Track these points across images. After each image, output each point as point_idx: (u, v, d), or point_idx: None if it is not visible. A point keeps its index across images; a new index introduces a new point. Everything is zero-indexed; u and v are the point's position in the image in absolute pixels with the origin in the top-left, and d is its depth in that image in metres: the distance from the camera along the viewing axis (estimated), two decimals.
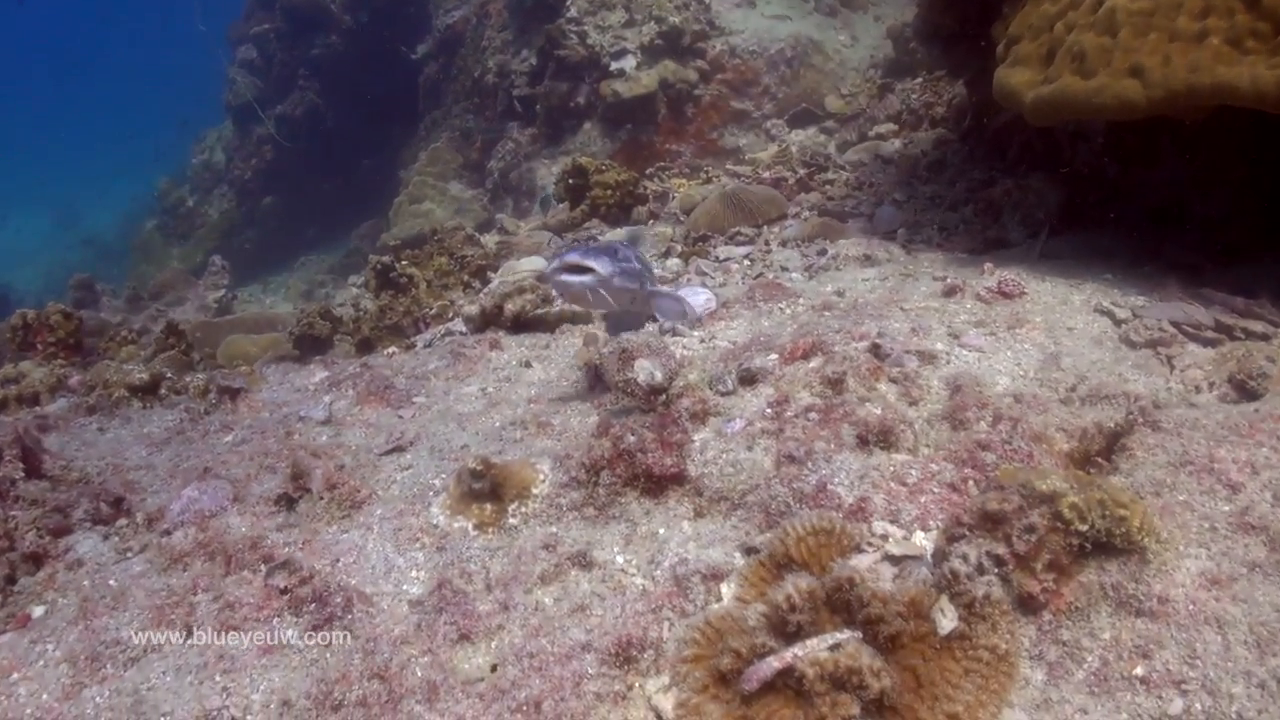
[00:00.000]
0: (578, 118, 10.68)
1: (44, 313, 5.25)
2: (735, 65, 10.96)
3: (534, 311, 4.99)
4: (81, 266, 23.64)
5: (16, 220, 32.29)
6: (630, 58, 10.29)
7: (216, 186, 16.88)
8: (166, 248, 16.85)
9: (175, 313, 10.77)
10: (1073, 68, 4.02)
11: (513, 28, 12.11)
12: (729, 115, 10.87)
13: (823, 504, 2.46)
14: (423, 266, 7.17)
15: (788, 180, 8.11)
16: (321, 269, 14.49)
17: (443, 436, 3.36)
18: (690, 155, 10.57)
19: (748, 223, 6.63)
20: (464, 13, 14.06)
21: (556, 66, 10.68)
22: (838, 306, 4.01)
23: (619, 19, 10.48)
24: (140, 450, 3.53)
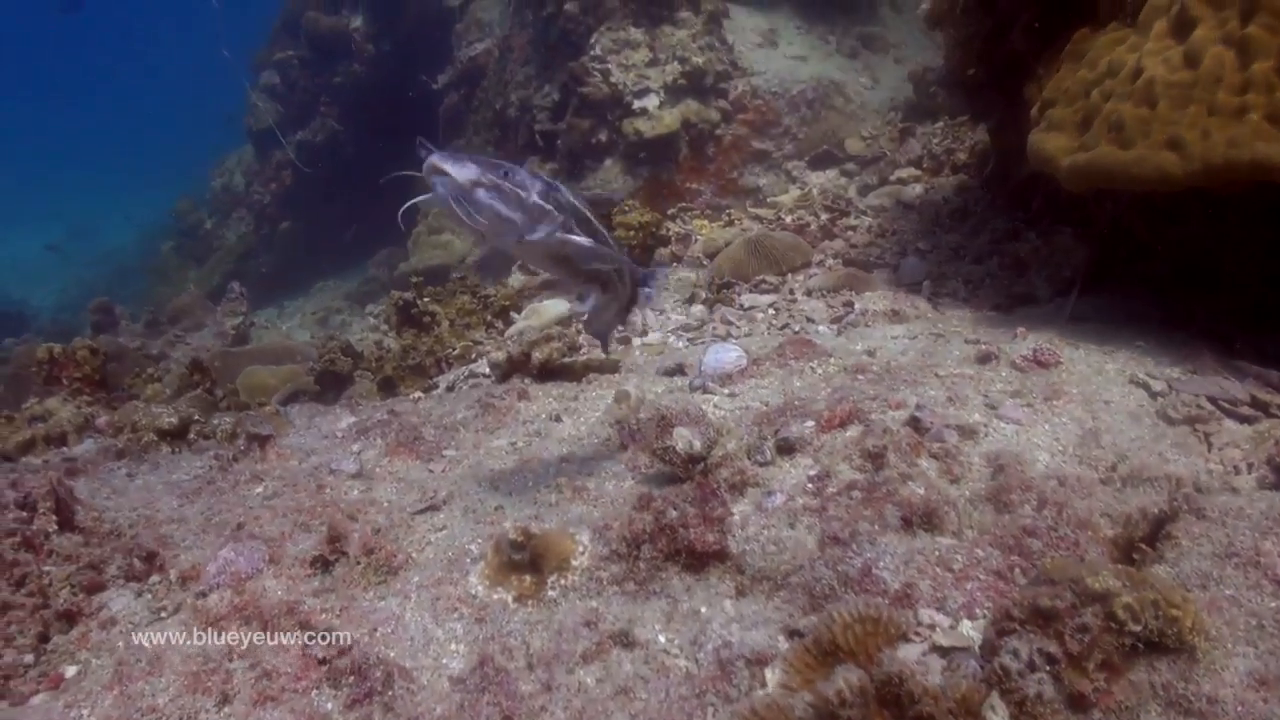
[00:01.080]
0: (599, 154, 10.72)
1: (70, 348, 5.26)
2: (757, 106, 11.02)
3: (561, 360, 4.98)
4: (97, 284, 23.79)
5: (34, 237, 32.45)
6: (653, 96, 10.34)
7: (235, 210, 16.98)
8: (183, 269, 16.93)
9: (193, 338, 10.81)
10: (1110, 137, 4.02)
11: (535, 63, 12.19)
12: (750, 155, 10.91)
13: (868, 589, 2.44)
14: (445, 304, 7.19)
15: (810, 225, 8.12)
16: (337, 295, 14.53)
17: (476, 496, 3.35)
18: (711, 194, 10.60)
19: (772, 270, 6.63)
20: (487, 45, 14.18)
21: (579, 103, 10.73)
22: (871, 369, 4.00)
23: (643, 58, 10.53)
24: (171, 501, 3.52)
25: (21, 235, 33.21)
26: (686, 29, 10.77)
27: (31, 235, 32.81)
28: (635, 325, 6.17)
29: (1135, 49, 4.22)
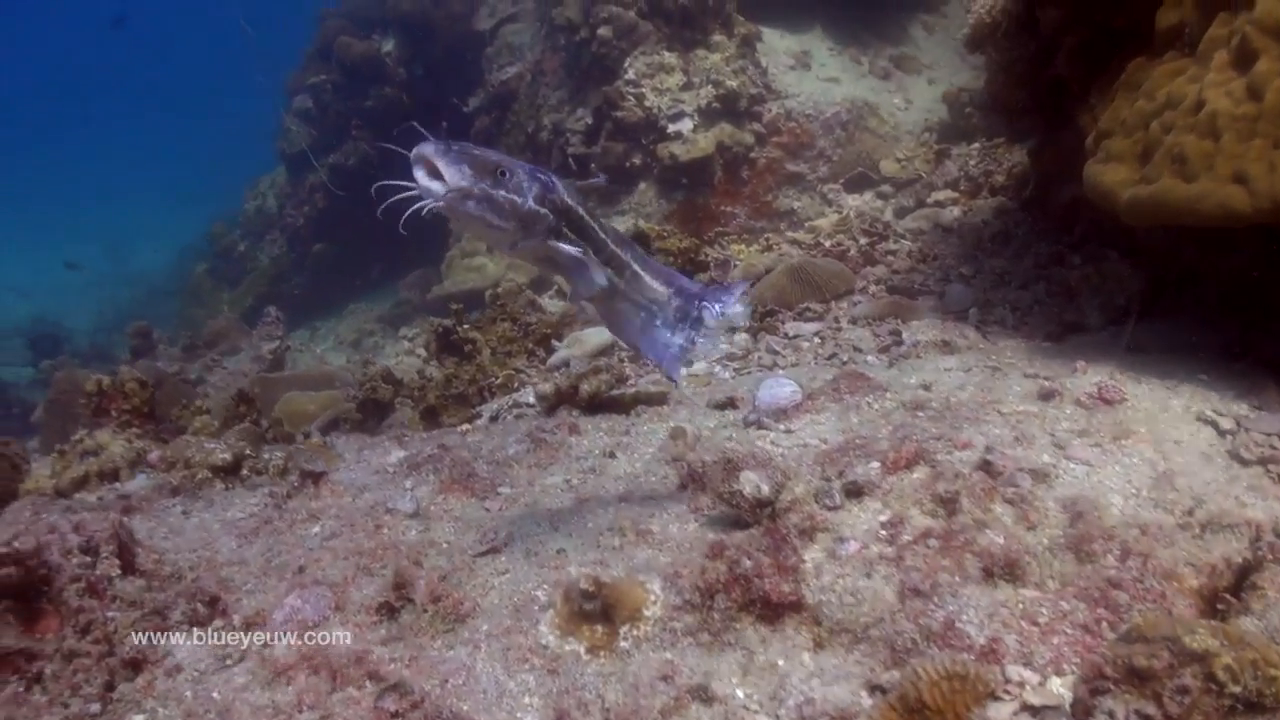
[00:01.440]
0: (633, 178, 10.73)
1: (119, 380, 5.28)
2: (791, 128, 11.00)
3: (609, 392, 4.95)
4: (130, 305, 24.06)
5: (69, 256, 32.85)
6: (687, 120, 10.35)
7: (268, 232, 17.12)
8: (216, 291, 17.08)
9: (230, 362, 10.87)
10: (1173, 170, 3.96)
11: (568, 86, 12.23)
12: (784, 178, 10.88)
13: (952, 643, 2.39)
14: (485, 331, 7.18)
15: (849, 250, 8.08)
16: (369, 318, 14.59)
17: (536, 538, 3.32)
18: (745, 217, 10.58)
19: (815, 298, 6.58)
20: (518, 69, 14.25)
21: (613, 127, 10.74)
22: (930, 406, 3.94)
23: (677, 82, 10.55)
24: (230, 541, 3.51)
25: (56, 255, 33.57)
26: (720, 52, 10.78)
27: (66, 255, 33.16)
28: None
29: (1195, 80, 4.15)
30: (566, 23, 11.58)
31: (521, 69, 14.24)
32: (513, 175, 2.91)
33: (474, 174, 2.81)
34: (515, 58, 14.72)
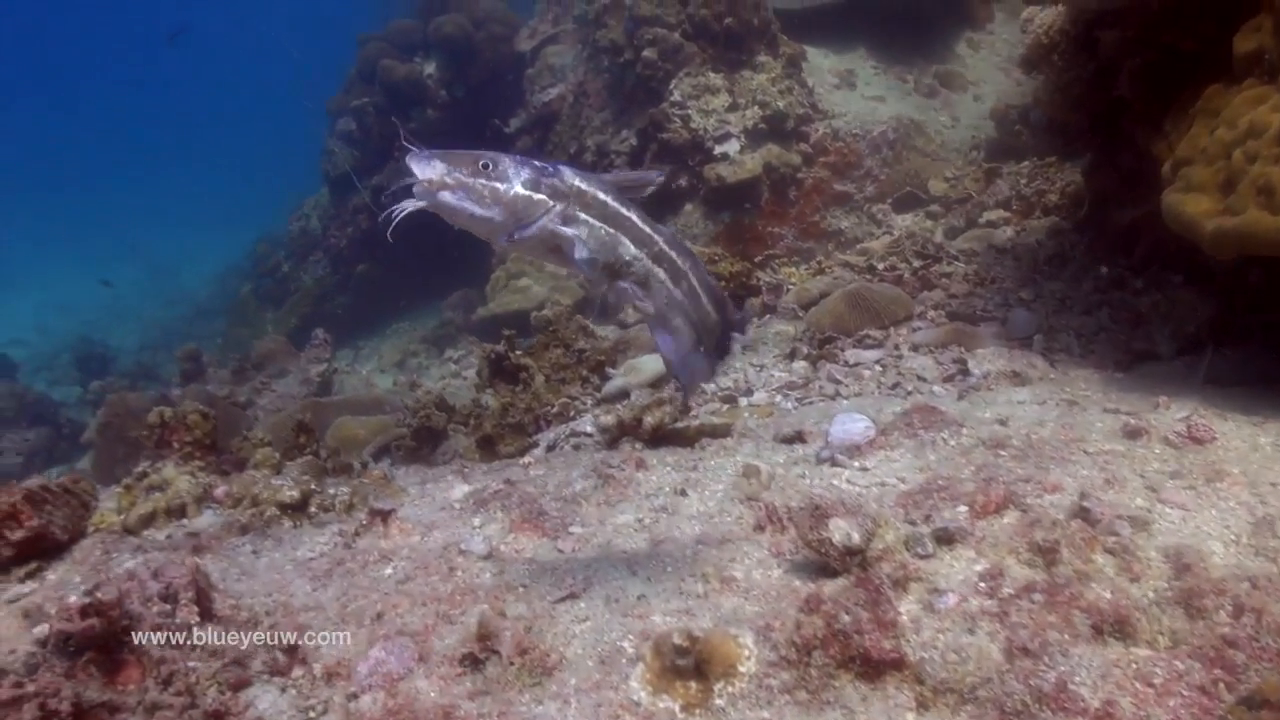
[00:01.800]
0: (679, 199, 10.69)
1: (181, 411, 5.29)
2: (838, 148, 10.92)
3: (672, 425, 4.90)
4: (175, 325, 24.37)
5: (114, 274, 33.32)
6: (734, 141, 10.30)
7: (312, 253, 17.26)
8: (261, 311, 17.25)
9: (278, 385, 10.94)
10: (1259, 201, 3.85)
11: (612, 108, 12.24)
12: (831, 198, 10.80)
13: (1065, 706, 2.30)
14: (537, 358, 7.15)
15: (903, 273, 7.98)
16: (413, 338, 14.64)
17: (615, 584, 3.26)
18: (793, 238, 10.50)
19: (874, 324, 6.50)
20: (560, 90, 14.29)
21: (659, 148, 10.72)
22: (1011, 444, 3.84)
23: (723, 103, 10.51)
24: (304, 584, 3.48)
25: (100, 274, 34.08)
26: (766, 73, 10.73)
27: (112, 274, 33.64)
28: (740, 382, 6.07)
29: (1278, 109, 4.05)
30: (610, 45, 11.60)
31: (564, 90, 14.28)
32: (496, 165, 2.82)
33: (447, 166, 2.75)
34: (557, 79, 14.77)
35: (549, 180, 2.89)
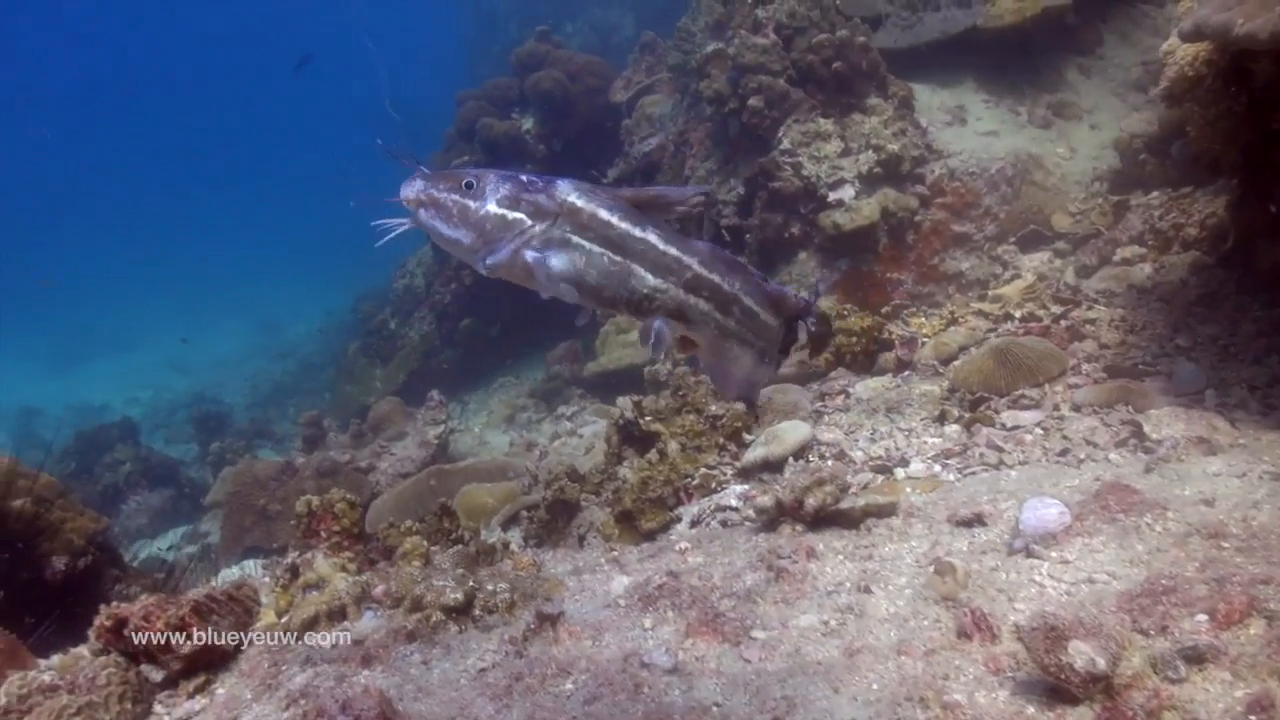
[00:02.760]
0: (792, 248, 10.48)
1: (328, 500, 5.26)
2: (955, 188, 10.59)
3: (835, 506, 4.66)
4: (284, 380, 24.97)
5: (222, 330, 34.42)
6: (848, 187, 10.06)
7: (416, 309, 17.47)
8: (369, 368, 17.49)
9: (397, 448, 10.99)
10: None
11: (716, 157, 12.12)
12: (950, 239, 10.46)
13: None
14: (668, 424, 6.98)
15: (1043, 320, 7.63)
16: (520, 393, 14.64)
17: (820, 705, 3.04)
18: (912, 283, 10.18)
19: (1026, 381, 6.16)
20: (660, 140, 14.25)
21: (769, 197, 10.55)
22: (1229, 531, 3.52)
23: (834, 149, 10.29)
24: (485, 705, 3.34)
25: (210, 331, 35.22)
26: (877, 116, 10.49)
27: (221, 329, 34.74)
28: (891, 451, 5.80)
29: None
30: (715, 95, 11.48)
31: (663, 140, 14.24)
32: (480, 180, 2.53)
33: (424, 183, 2.50)
34: (656, 129, 14.75)
35: (531, 196, 2.54)
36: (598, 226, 2.58)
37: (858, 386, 6.99)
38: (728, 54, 11.46)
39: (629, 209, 2.65)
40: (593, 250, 2.60)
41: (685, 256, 2.73)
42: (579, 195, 2.57)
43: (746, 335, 2.88)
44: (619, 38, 26.26)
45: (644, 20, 24.52)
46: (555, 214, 2.55)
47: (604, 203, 2.60)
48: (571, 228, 2.57)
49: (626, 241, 2.61)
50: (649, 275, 2.66)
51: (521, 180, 2.57)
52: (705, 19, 13.78)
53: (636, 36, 24.23)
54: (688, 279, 2.72)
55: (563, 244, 2.58)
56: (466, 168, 2.79)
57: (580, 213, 2.56)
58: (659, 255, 2.67)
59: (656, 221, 2.73)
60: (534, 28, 26.52)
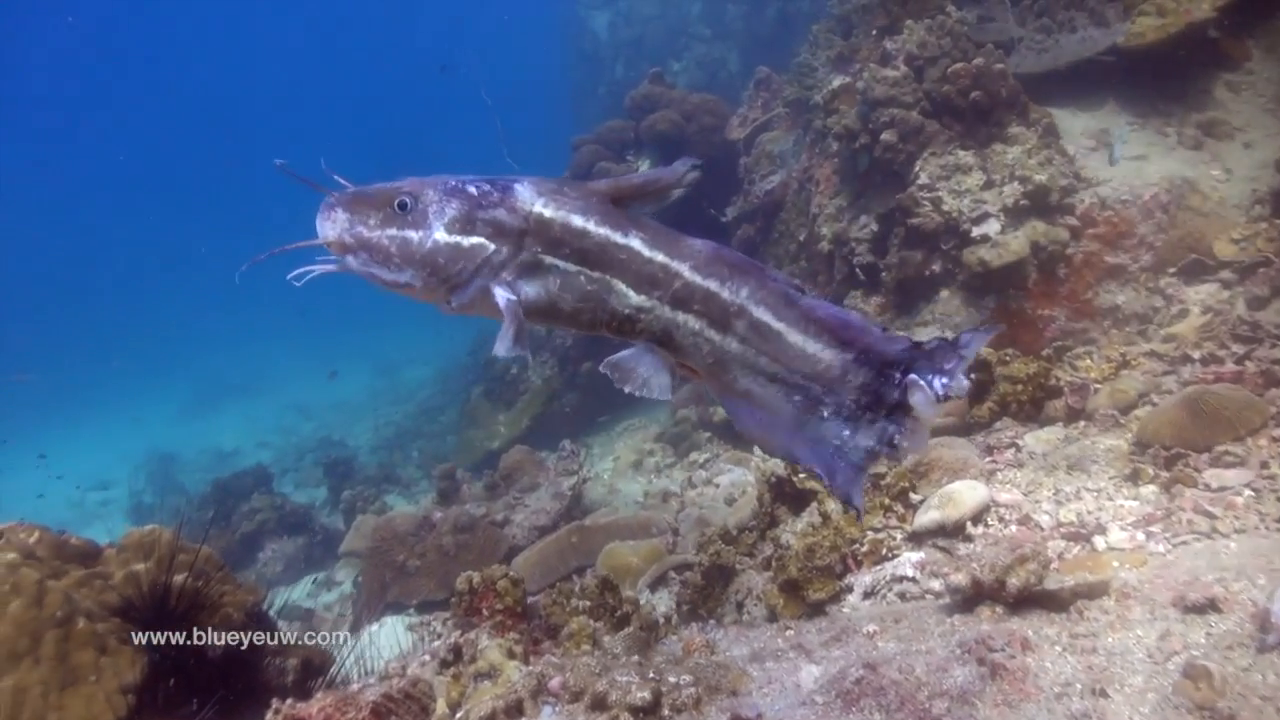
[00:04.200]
0: (932, 286, 10.06)
1: (489, 576, 5.12)
2: (1106, 217, 10.02)
3: (1040, 586, 4.27)
4: (405, 423, 25.38)
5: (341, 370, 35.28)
6: (993, 221, 9.61)
7: (539, 354, 17.52)
8: (493, 413, 17.57)
9: (530, 500, 10.89)
10: None
11: (846, 193, 11.78)
12: (1104, 272, 9.88)
13: None
14: None
15: (1224, 362, 7.06)
16: (647, 437, 14.45)
17: None
18: (1065, 319, 9.65)
19: (1227, 435, 5.65)
20: (782, 178, 13.99)
21: (907, 234, 10.16)
22: None
23: (976, 181, 9.86)
24: None
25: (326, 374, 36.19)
26: (1020, 145, 10.02)
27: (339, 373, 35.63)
28: (1082, 515, 5.35)
29: None
30: (844, 131, 11.17)
31: (785, 177, 13.98)
32: (416, 201, 2.08)
33: (349, 218, 2.05)
34: (777, 166, 14.49)
35: (489, 213, 2.10)
36: (571, 238, 2.18)
37: (1027, 439, 6.55)
38: (856, 88, 11.16)
39: (607, 209, 2.22)
40: (568, 269, 2.20)
41: (674, 262, 2.25)
42: (546, 202, 2.16)
43: (766, 365, 2.27)
44: (725, 73, 26.18)
45: (748, 55, 24.41)
46: (521, 231, 2.13)
47: (576, 205, 2.19)
48: (543, 245, 2.16)
49: (605, 251, 2.20)
50: (630, 292, 2.25)
51: (469, 191, 2.12)
52: (825, 53, 13.49)
53: (742, 71, 24.17)
54: (676, 290, 2.24)
55: (534, 268, 2.15)
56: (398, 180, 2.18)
57: (551, 225, 2.17)
58: (642, 264, 2.23)
59: (643, 220, 2.28)
60: (639, 67, 26.69)
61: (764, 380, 2.29)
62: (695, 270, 2.26)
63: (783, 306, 2.28)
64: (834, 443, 2.30)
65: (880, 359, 2.28)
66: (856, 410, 2.29)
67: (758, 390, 2.29)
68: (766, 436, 2.37)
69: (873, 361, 2.28)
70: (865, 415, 2.29)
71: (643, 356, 2.32)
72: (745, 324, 2.25)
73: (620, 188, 2.27)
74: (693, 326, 2.26)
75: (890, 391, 2.27)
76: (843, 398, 2.28)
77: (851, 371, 2.27)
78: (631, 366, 2.30)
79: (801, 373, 2.28)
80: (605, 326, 2.28)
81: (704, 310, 2.25)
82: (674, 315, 2.26)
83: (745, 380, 2.29)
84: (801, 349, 2.27)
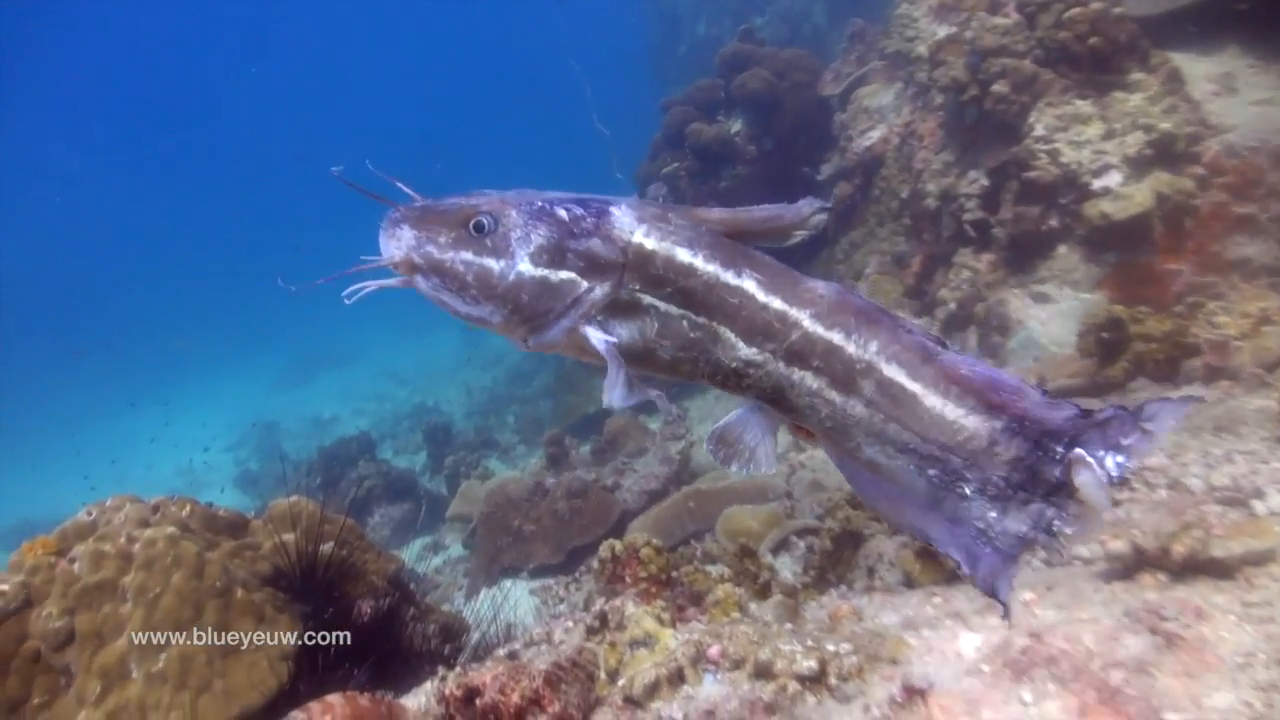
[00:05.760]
0: (1049, 242, 9.77)
1: (630, 544, 5.17)
2: (1234, 166, 9.58)
3: (1205, 553, 4.16)
4: (497, 389, 25.74)
5: (430, 341, 35.86)
6: (1115, 173, 9.28)
7: None
8: (589, 378, 17.71)
9: (639, 465, 10.97)
10: None
11: (952, 148, 11.49)
12: (1232, 223, 9.47)
13: None
14: None
15: None
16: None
17: None
18: (1190, 273, 9.29)
19: None
20: (882, 133, 13.69)
21: (1021, 188, 9.88)
22: None
23: (1096, 131, 9.51)
24: None
25: (419, 343, 36.82)
26: (1142, 92, 9.64)
27: (429, 340, 36.23)
28: (1236, 478, 5.18)
29: None
30: (952, 83, 10.87)
31: (886, 132, 13.67)
32: (497, 223, 1.83)
33: (416, 237, 1.84)
34: (876, 121, 14.18)
35: (581, 244, 1.83)
36: (675, 275, 1.89)
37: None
38: (963, 38, 10.84)
39: (718, 242, 1.91)
40: (669, 312, 1.93)
41: (793, 310, 1.94)
42: (649, 230, 1.87)
43: (896, 433, 1.95)
44: (809, 27, 25.61)
45: (834, 7, 23.81)
46: (619, 265, 1.86)
47: (683, 237, 1.89)
48: (642, 284, 1.89)
49: (714, 293, 1.91)
50: (740, 342, 1.95)
51: (559, 215, 1.85)
52: (927, 2, 13.12)
53: (827, 25, 23.65)
54: (793, 342, 1.94)
55: (630, 308, 1.90)
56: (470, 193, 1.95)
57: (653, 259, 1.88)
58: (756, 311, 1.93)
59: (758, 257, 1.97)
60: (721, 24, 26.28)
61: (892, 450, 1.98)
62: (816, 319, 1.95)
63: (919, 364, 1.96)
64: (977, 524, 1.98)
65: (1038, 428, 1.93)
66: (1006, 489, 1.96)
67: (884, 461, 1.99)
68: (893, 512, 2.06)
69: (1028, 431, 1.93)
70: (1017, 495, 1.96)
71: (749, 421, 2.05)
72: (873, 384, 1.95)
73: (738, 222, 1.95)
74: (810, 385, 1.98)
75: (1049, 469, 1.93)
76: (989, 473, 1.96)
77: (1001, 443, 1.94)
78: (737, 436, 2.04)
79: (939, 443, 1.96)
80: (707, 378, 2.03)
81: (824, 367, 1.96)
82: (789, 372, 1.98)
83: (870, 449, 2.00)
84: (939, 415, 1.95)
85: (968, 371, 1.95)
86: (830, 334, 1.93)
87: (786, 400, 1.99)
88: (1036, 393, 1.96)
